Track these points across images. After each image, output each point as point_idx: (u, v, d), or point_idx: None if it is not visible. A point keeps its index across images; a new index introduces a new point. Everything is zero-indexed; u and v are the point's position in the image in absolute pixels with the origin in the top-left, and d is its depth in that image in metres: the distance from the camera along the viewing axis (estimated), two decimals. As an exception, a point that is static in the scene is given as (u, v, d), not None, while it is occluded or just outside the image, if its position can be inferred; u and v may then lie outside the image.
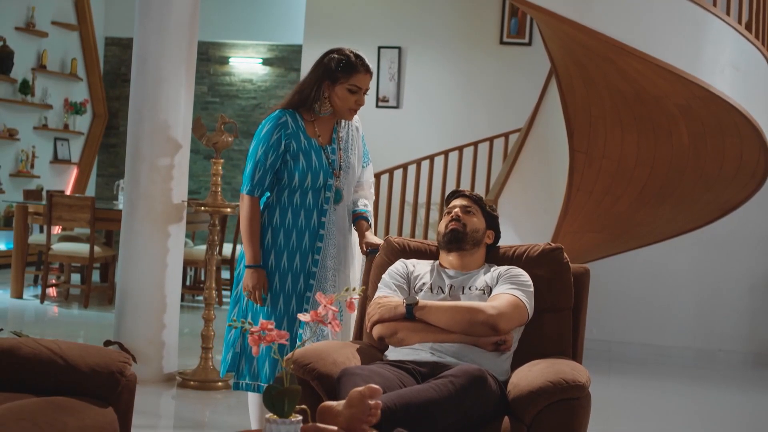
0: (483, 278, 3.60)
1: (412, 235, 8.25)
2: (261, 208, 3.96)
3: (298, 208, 3.90)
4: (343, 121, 4.01)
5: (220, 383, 5.85)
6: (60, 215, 8.68)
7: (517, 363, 3.45)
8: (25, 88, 11.51)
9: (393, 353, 3.46)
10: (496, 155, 8.40)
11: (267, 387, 2.53)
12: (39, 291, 9.28)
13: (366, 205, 4.08)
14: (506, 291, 3.48)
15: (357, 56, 3.87)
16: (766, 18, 6.35)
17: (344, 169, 3.95)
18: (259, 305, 3.87)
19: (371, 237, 3.99)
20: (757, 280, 8.40)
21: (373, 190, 4.19)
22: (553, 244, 3.76)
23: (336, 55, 3.87)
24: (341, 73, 3.84)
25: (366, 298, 3.79)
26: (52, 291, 9.70)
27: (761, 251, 8.39)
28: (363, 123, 4.16)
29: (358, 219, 4.03)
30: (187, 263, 8.67)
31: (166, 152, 5.86)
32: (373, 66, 3.94)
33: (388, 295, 3.56)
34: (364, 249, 3.98)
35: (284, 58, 12.74)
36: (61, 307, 8.85)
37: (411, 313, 3.42)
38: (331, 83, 3.86)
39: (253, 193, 3.89)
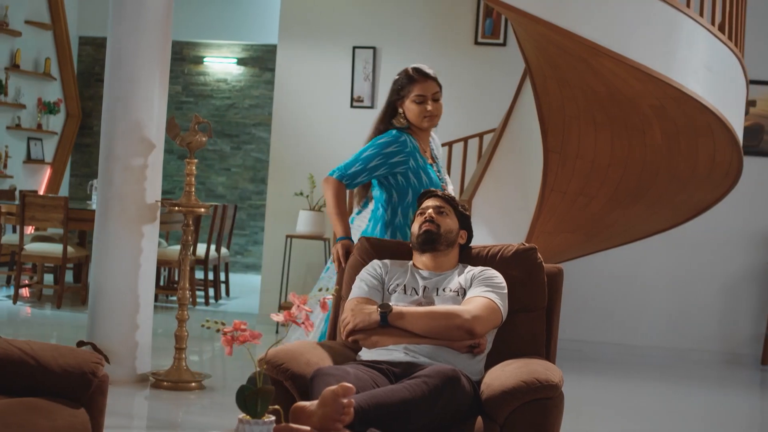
0: (457, 279, 3.60)
1: (387, 235, 8.23)
2: (379, 227, 4.08)
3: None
4: (431, 140, 4.19)
5: (193, 384, 5.82)
6: (33, 215, 8.62)
7: (490, 363, 3.45)
8: (-2, 87, 11.44)
9: (366, 353, 3.46)
10: (470, 155, 8.41)
11: (240, 387, 2.52)
12: (12, 291, 9.22)
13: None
14: (481, 294, 3.48)
15: (414, 68, 4.05)
16: (739, 20, 6.39)
17: (446, 184, 4.16)
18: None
19: None
20: (727, 280, 8.46)
21: None
22: (526, 244, 3.77)
23: (396, 76, 4.07)
24: (402, 89, 4.02)
25: (340, 298, 3.78)
26: (24, 291, 9.64)
27: (732, 251, 8.45)
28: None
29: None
30: (161, 263, 8.65)
31: (140, 152, 5.84)
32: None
33: (361, 296, 3.56)
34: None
35: (259, 57, 12.72)
36: (33, 308, 8.79)
37: (385, 320, 3.42)
38: (401, 101, 4.04)
39: (341, 179, 4.00)
